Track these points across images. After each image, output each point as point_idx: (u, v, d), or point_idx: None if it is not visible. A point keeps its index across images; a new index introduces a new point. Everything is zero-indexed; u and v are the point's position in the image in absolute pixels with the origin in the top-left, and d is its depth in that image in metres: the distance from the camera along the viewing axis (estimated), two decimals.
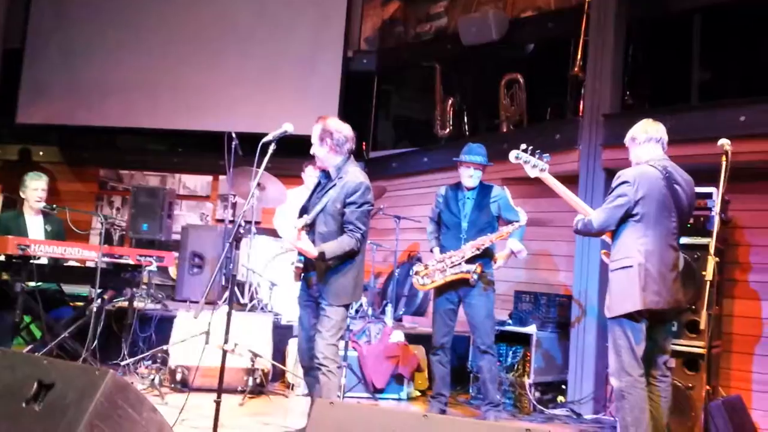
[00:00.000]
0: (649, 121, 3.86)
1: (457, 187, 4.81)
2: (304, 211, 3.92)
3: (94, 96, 8.94)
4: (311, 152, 3.89)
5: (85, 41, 9.03)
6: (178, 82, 8.74)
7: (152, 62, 8.86)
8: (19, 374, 3.15)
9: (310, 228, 3.74)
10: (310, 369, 3.82)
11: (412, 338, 5.70)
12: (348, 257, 3.74)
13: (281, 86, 8.51)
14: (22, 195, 5.33)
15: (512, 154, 3.96)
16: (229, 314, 3.57)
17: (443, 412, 4.68)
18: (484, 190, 4.75)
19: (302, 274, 3.86)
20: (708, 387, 3.76)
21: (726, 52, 5.65)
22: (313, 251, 3.63)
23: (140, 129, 9.16)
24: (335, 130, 3.81)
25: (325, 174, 3.93)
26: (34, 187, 5.25)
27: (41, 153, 9.41)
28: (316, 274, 3.77)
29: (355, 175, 3.80)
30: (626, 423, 3.59)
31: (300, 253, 3.74)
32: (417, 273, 4.73)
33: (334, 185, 3.79)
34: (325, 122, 3.84)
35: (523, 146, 3.96)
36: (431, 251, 4.85)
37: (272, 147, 3.70)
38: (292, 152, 5.18)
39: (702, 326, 3.47)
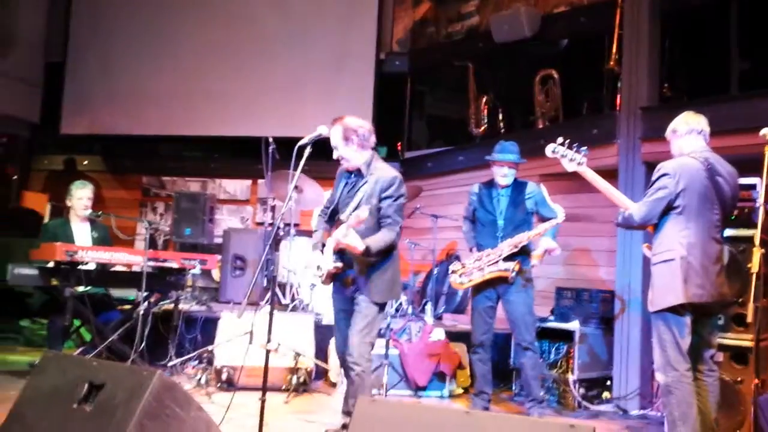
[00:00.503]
0: (690, 113, 3.81)
1: (491, 184, 4.79)
2: (334, 211, 3.90)
3: (134, 106, 9.17)
4: (336, 156, 3.82)
5: (122, 53, 9.28)
6: (213, 89, 8.89)
7: (188, 70, 9.04)
8: (70, 376, 3.24)
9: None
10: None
11: (453, 336, 5.70)
12: (387, 253, 3.74)
13: (315, 90, 8.59)
14: (68, 203, 5.48)
15: (549, 149, 3.93)
16: (271, 314, 3.61)
17: (486, 409, 4.68)
18: (518, 186, 4.72)
19: (335, 275, 3.80)
20: (757, 380, 3.68)
21: (764, 40, 5.52)
22: (361, 246, 3.58)
23: (179, 136, 9.36)
24: (358, 127, 3.78)
25: (349, 173, 3.89)
26: (80, 196, 5.40)
27: (85, 162, 9.67)
28: (357, 272, 3.75)
29: (386, 170, 3.80)
30: (674, 418, 3.54)
31: (337, 252, 3.73)
32: (454, 272, 4.73)
33: (366, 181, 3.76)
34: (344, 122, 3.80)
35: (560, 140, 3.92)
36: (471, 251, 4.83)
37: (308, 150, 3.71)
38: (329, 154, 5.20)
39: (749, 319, 3.40)
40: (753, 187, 4.40)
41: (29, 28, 9.52)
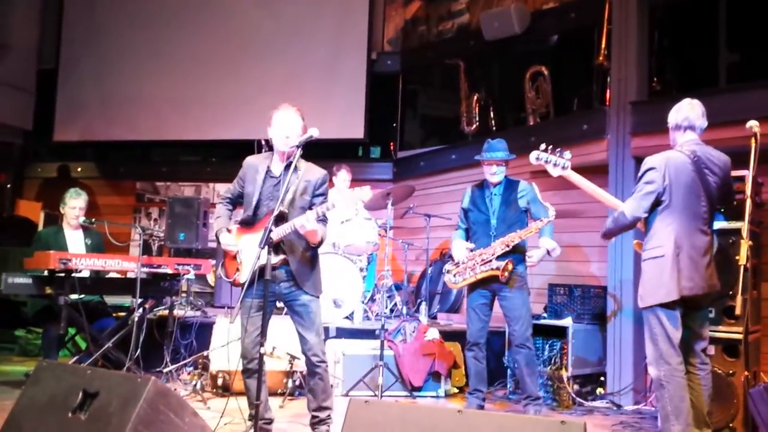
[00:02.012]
0: (691, 102, 3.78)
1: (483, 184, 4.80)
2: (258, 203, 3.88)
3: (127, 111, 9.18)
4: (297, 143, 3.73)
5: (115, 59, 9.30)
6: (207, 93, 8.90)
7: (181, 75, 9.06)
8: (65, 385, 3.26)
9: (277, 221, 3.60)
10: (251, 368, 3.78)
11: (448, 335, 5.71)
12: (315, 248, 3.85)
13: (307, 92, 8.59)
14: (62, 211, 5.49)
15: (532, 156, 3.97)
16: (265, 318, 3.62)
17: (481, 407, 4.69)
18: (510, 185, 4.73)
19: (257, 272, 3.58)
20: (747, 373, 3.70)
21: (753, 32, 5.54)
22: (319, 234, 3.68)
23: (172, 141, 9.38)
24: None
25: (268, 167, 3.88)
26: (72, 206, 5.40)
27: (79, 169, 9.68)
28: (296, 266, 3.75)
29: (314, 167, 3.87)
30: (667, 412, 3.55)
31: (271, 246, 3.56)
32: (449, 271, 4.76)
33: (294, 177, 3.71)
34: (298, 110, 3.92)
35: (542, 146, 3.97)
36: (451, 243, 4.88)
37: (299, 152, 3.74)
38: (321, 156, 5.24)
39: (738, 311, 3.42)
40: (744, 179, 4.40)
41: (22, 35, 9.51)
